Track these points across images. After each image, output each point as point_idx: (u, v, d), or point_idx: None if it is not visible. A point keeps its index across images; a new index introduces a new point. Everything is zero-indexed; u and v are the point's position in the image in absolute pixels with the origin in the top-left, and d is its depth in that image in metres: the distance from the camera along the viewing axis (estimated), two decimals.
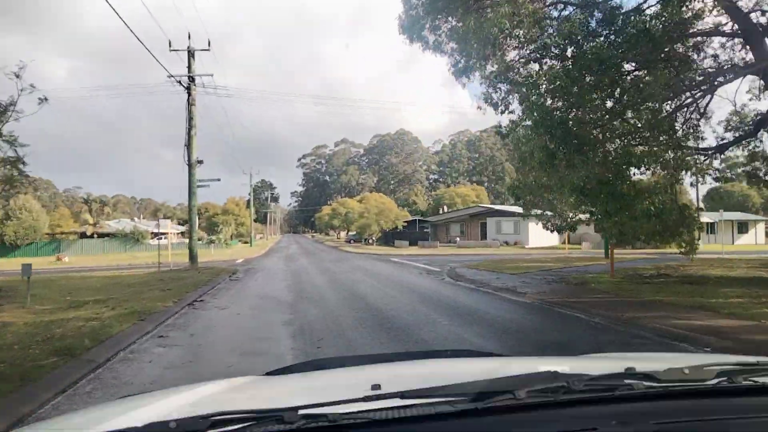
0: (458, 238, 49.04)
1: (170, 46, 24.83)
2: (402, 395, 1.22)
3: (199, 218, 74.50)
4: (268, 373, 2.24)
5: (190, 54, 24.87)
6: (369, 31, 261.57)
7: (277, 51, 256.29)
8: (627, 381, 1.36)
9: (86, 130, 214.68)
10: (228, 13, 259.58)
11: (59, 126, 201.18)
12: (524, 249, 45.22)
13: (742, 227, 50.47)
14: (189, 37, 25.27)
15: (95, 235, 57.80)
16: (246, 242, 74.23)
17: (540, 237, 49.78)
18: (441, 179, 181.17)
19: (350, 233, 76.94)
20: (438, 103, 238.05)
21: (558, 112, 11.21)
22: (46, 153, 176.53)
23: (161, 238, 45.07)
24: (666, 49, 10.87)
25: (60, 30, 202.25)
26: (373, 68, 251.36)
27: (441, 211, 73.77)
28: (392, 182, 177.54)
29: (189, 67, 24.82)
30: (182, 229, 72.84)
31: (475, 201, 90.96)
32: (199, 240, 38.83)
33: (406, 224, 59.24)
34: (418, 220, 63.44)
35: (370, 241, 58.76)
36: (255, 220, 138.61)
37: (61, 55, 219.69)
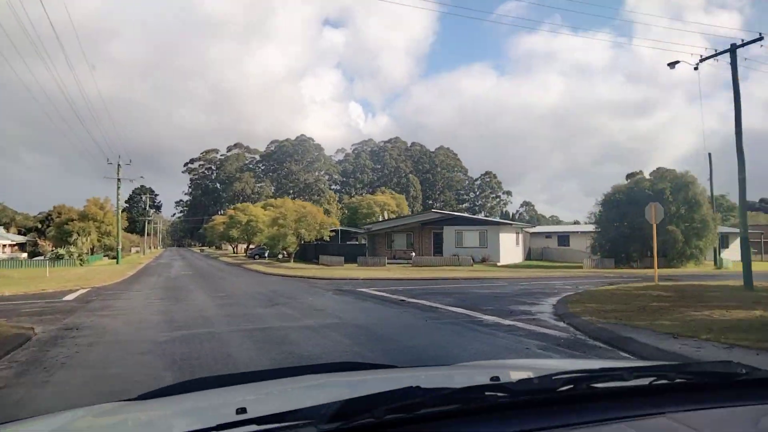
0: (413, 253, 37.23)
1: None
2: (257, 421, 1.22)
3: (48, 225, 55.00)
4: (141, 396, 2.16)
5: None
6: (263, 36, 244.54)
7: (164, 52, 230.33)
8: (488, 393, 1.38)
9: None
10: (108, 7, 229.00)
11: None
12: (497, 267, 34.28)
13: (724, 241, 43.70)
14: None
15: None
16: (114, 257, 57.31)
17: (509, 252, 39.25)
18: (344, 189, 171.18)
19: (252, 246, 62.52)
20: (334, 111, 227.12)
21: None
22: None
23: None
24: None
25: None
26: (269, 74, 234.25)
27: (371, 221, 61.54)
28: (292, 191, 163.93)
29: None
30: (22, 239, 54.30)
31: (396, 210, 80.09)
32: (37, 256, 25.08)
33: (333, 234, 46.41)
34: (342, 230, 50.88)
35: (283, 256, 45.16)
36: (130, 231, 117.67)
37: None
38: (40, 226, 55.22)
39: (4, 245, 46.98)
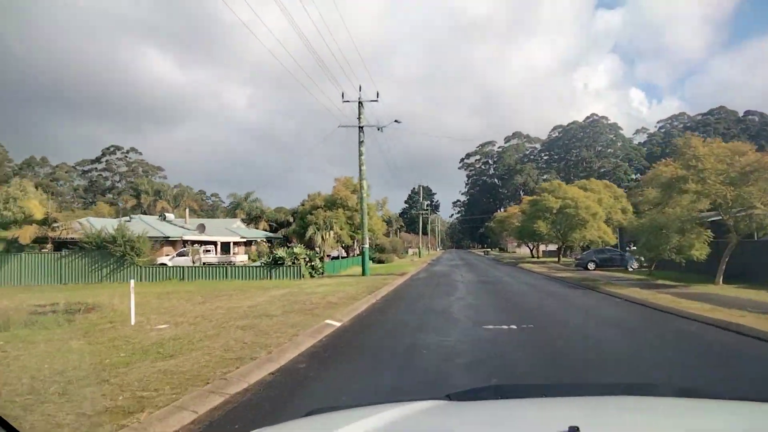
0: None
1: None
2: None
3: (293, 217, 31.90)
4: (448, 396, 2.16)
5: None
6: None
7: (433, 61, 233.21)
8: None
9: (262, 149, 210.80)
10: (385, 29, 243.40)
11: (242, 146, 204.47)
12: None
13: None
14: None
15: (50, 243, 28.76)
16: (381, 261, 41.61)
17: None
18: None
19: (569, 248, 40.17)
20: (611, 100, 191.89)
21: None
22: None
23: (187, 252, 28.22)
24: None
25: (239, 63, 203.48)
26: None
27: None
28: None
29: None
30: (260, 235, 41.66)
31: None
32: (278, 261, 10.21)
33: None
34: None
35: (682, 264, 21.45)
36: (407, 231, 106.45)
37: (242, 85, 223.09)
38: (291, 219, 42.17)
39: (239, 242, 33.85)
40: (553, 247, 60.63)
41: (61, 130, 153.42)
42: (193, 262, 28.94)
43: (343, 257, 39.41)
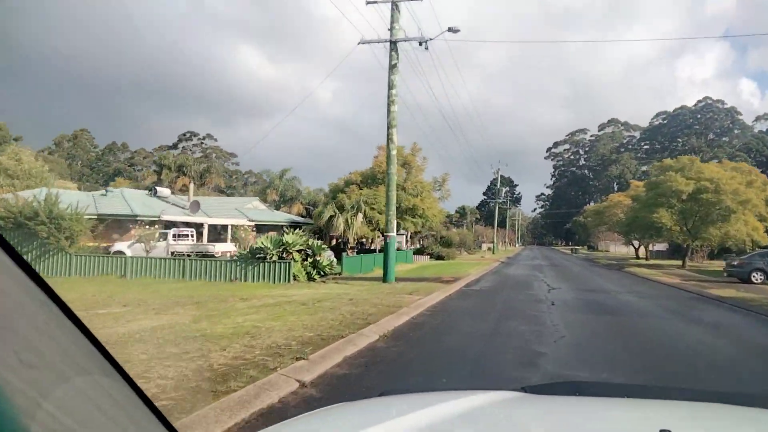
0: None
1: None
2: None
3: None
4: (523, 389, 2.00)
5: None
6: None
7: (521, 51, 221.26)
8: None
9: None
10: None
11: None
12: None
13: None
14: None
15: None
16: (441, 258, 32.62)
17: None
18: None
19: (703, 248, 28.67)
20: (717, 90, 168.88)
21: None
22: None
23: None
24: None
25: (324, 58, 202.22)
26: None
27: None
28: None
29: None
30: (282, 219, 32.81)
31: None
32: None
33: None
34: None
35: None
36: (482, 223, 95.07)
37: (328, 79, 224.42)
38: (325, 200, 33.21)
39: (242, 227, 25.13)
40: (660, 247, 47.67)
41: (163, 122, 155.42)
42: (146, 252, 20.51)
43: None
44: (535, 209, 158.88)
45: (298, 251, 17.39)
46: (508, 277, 22.39)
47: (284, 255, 17.09)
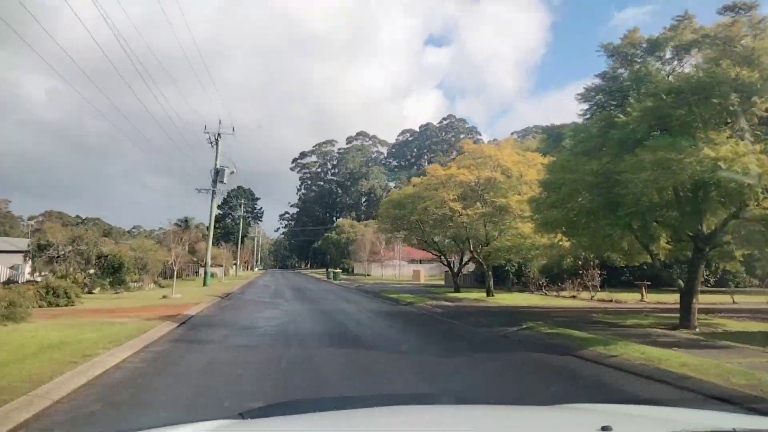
0: None
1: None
2: None
3: None
4: (241, 414, 2.01)
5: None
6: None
7: (271, 75, 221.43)
8: None
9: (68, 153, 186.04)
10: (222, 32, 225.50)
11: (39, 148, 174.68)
12: None
13: None
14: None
15: None
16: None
17: None
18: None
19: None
20: None
21: None
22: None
23: None
24: None
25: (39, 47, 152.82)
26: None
27: None
28: None
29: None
30: None
31: None
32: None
33: None
34: None
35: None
36: (218, 244, 71.77)
37: (42, 74, 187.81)
38: None
39: None
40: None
41: None
42: None
43: None
44: (278, 228, 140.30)
45: None
46: None
47: None
